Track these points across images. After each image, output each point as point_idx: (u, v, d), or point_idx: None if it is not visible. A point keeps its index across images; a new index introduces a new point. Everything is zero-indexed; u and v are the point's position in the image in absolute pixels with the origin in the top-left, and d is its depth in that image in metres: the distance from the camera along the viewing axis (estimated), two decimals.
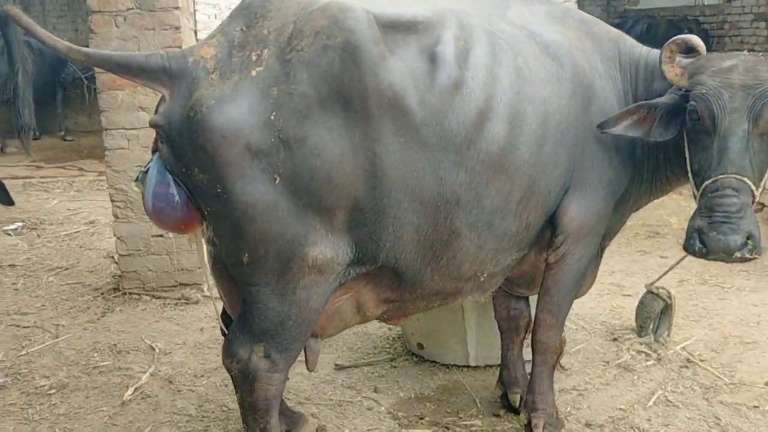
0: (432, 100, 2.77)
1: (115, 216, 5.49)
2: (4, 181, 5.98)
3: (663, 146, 3.19)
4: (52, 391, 4.12)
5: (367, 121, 2.71)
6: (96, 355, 4.59)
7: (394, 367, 4.36)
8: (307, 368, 3.17)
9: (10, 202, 5.00)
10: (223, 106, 2.65)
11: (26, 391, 4.13)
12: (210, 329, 4.95)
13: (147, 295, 5.52)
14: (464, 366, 4.28)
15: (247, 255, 2.77)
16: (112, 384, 4.19)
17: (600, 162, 3.16)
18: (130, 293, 5.55)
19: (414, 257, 2.92)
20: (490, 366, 4.26)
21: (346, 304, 3.08)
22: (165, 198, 2.83)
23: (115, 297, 5.54)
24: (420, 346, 4.37)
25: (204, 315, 5.20)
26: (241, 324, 2.91)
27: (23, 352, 4.63)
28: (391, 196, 2.76)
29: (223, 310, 3.27)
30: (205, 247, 3.06)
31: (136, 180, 2.95)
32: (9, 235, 7.40)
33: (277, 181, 2.68)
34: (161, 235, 5.49)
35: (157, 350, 4.62)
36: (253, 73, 2.66)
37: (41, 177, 10.21)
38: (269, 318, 2.84)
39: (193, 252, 5.46)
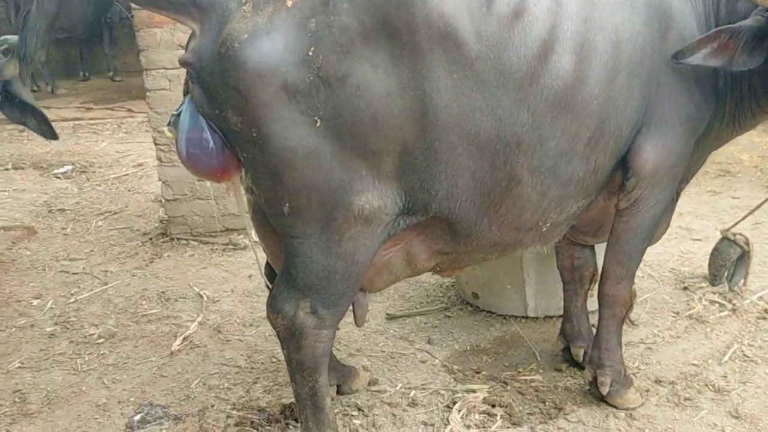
0: (489, 31, 2.46)
1: (159, 160, 5.35)
2: (53, 123, 5.90)
3: (747, 76, 2.85)
4: (101, 340, 4.05)
5: (415, 55, 2.43)
6: (144, 303, 4.51)
7: (448, 317, 4.16)
8: (356, 323, 2.99)
9: (54, 136, 4.87)
10: (256, 40, 2.40)
11: (75, 340, 4.08)
12: (258, 276, 4.82)
13: (194, 240, 5.42)
14: (522, 317, 4.05)
15: (287, 205, 2.55)
16: (161, 333, 4.11)
17: (678, 96, 2.81)
18: (177, 239, 5.45)
19: (470, 206, 2.66)
20: (551, 317, 4.02)
21: (396, 257, 2.86)
22: (199, 144, 2.61)
23: (162, 242, 5.45)
24: (475, 295, 4.15)
25: (252, 261, 5.07)
26: (285, 278, 2.72)
27: (72, 299, 4.59)
28: (444, 139, 2.50)
29: (267, 263, 3.08)
30: (244, 195, 2.86)
31: (168, 124, 2.74)
32: (59, 178, 7.39)
33: (317, 124, 2.44)
34: None
35: (205, 298, 4.51)
36: (289, 3, 2.39)
37: (90, 119, 10.18)
38: (314, 272, 2.64)
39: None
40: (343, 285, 2.68)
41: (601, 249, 3.25)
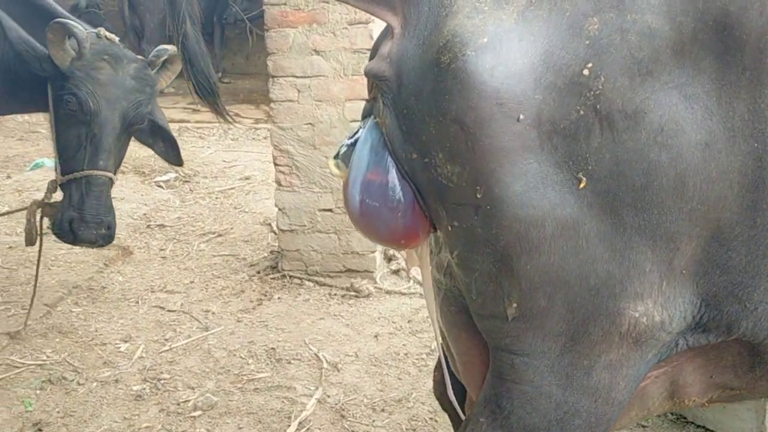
0: None
1: (278, 183, 4.54)
2: None
3: None
4: (197, 412, 3.23)
5: (761, 85, 1.46)
6: (251, 361, 3.68)
7: (644, 426, 3.15)
8: None
9: (180, 162, 4.15)
10: (500, 49, 1.49)
11: (165, 408, 3.27)
12: (386, 336, 3.93)
13: (309, 280, 4.57)
14: None
15: (515, 305, 1.62)
16: (270, 410, 3.25)
17: None
18: (290, 276, 4.62)
19: None
20: None
21: (655, 386, 1.87)
22: (380, 192, 1.71)
23: (273, 279, 4.63)
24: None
25: (378, 315, 4.18)
26: (490, 412, 1.77)
27: (166, 347, 3.81)
28: None
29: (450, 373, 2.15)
30: (431, 273, 1.95)
31: (335, 157, 1.84)
32: (161, 187, 6.74)
33: (582, 185, 1.51)
34: (330, 210, 4.50)
35: (324, 363, 3.64)
36: None
37: (196, 122, 9.63)
38: (541, 410, 1.70)
39: None
40: None
41: None
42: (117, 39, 3.50)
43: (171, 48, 3.53)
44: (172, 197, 6.48)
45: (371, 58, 1.81)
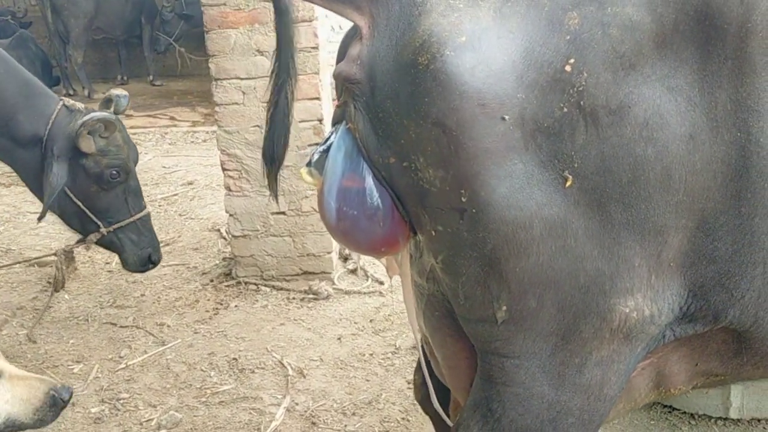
0: None
1: (228, 188, 4.41)
2: None
3: None
4: (162, 431, 3.11)
5: (742, 75, 1.46)
6: (213, 373, 3.57)
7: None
8: None
9: None
10: (479, 48, 1.46)
11: (128, 429, 3.15)
12: (350, 338, 3.87)
13: (266, 286, 4.47)
14: (720, 418, 3.05)
15: (505, 308, 1.59)
16: (239, 423, 3.16)
17: None
18: (245, 282, 4.50)
19: None
20: (759, 420, 3.02)
21: (641, 377, 1.87)
22: (357, 200, 1.65)
23: (227, 287, 4.51)
24: None
25: (339, 316, 4.12)
26: (481, 416, 1.74)
27: (122, 365, 3.66)
28: None
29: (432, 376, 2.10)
30: (410, 279, 1.89)
31: (309, 165, 1.76)
32: None
33: (568, 183, 1.48)
34: (283, 213, 4.41)
35: (290, 369, 3.56)
36: None
37: (131, 127, 9.27)
38: (534, 411, 1.68)
39: (321, 233, 4.37)
40: None
41: None
42: (83, 106, 3.74)
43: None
44: None
45: (338, 60, 1.75)
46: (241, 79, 4.20)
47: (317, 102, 4.21)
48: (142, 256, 3.84)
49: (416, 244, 1.80)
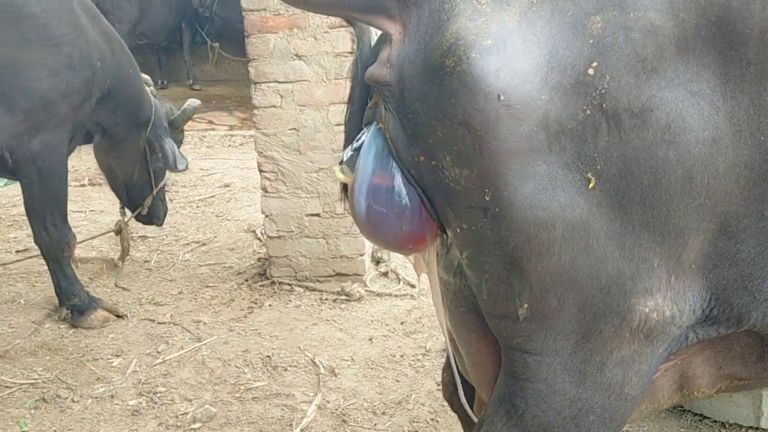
0: None
1: (264, 190, 4.51)
2: None
3: None
4: (197, 425, 3.20)
5: (765, 78, 1.48)
6: (247, 370, 3.65)
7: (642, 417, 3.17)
8: None
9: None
10: (504, 51, 1.49)
11: (164, 421, 3.24)
12: (381, 339, 3.93)
13: (299, 286, 4.55)
14: (751, 428, 3.03)
15: (526, 305, 1.63)
16: (271, 419, 3.24)
17: None
18: (279, 283, 4.59)
19: None
20: None
21: (665, 379, 1.89)
22: (387, 197, 1.70)
23: (261, 286, 4.60)
24: None
25: (370, 318, 4.17)
26: (504, 412, 1.78)
27: (159, 360, 3.77)
28: None
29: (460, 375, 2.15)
30: (437, 275, 1.94)
31: (341, 163, 1.83)
32: None
33: (591, 185, 1.51)
34: (317, 215, 4.48)
35: (321, 368, 3.63)
36: None
37: None
38: (555, 408, 1.71)
39: (354, 236, 4.43)
40: (599, 431, 1.74)
41: None
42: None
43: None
44: None
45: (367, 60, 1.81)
46: (279, 82, 4.30)
47: None
48: (165, 212, 4.93)
49: (443, 241, 1.85)
